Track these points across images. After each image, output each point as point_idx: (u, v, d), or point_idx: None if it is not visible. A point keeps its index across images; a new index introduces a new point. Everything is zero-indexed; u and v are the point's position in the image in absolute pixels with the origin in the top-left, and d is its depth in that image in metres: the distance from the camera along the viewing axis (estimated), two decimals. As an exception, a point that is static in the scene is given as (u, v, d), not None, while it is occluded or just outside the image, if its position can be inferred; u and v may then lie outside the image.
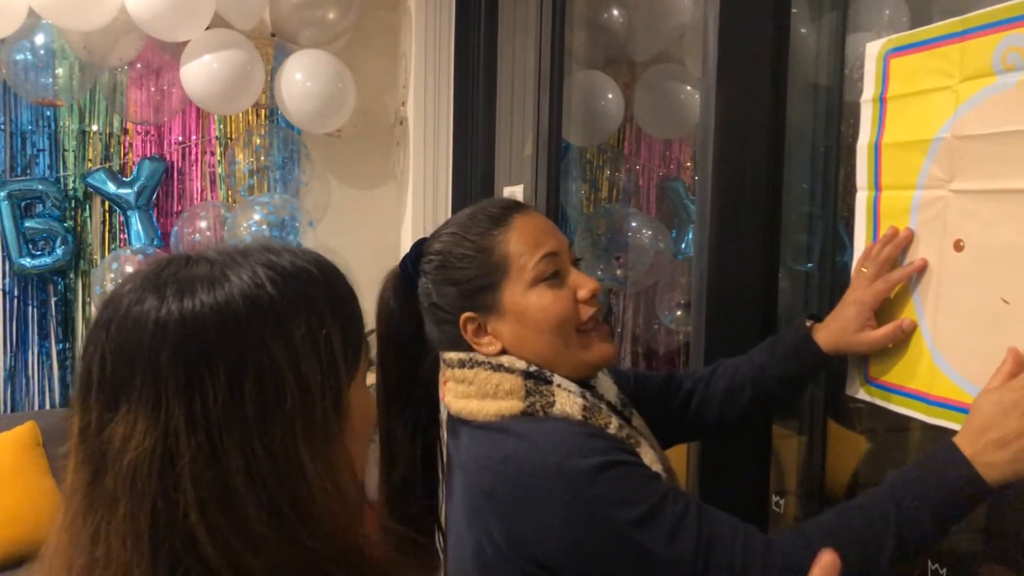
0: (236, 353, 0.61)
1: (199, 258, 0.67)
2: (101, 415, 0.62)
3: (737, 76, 1.24)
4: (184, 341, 0.61)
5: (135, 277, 0.67)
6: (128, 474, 0.60)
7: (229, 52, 2.57)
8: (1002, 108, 0.83)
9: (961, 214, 0.88)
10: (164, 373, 0.61)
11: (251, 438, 0.61)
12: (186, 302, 0.63)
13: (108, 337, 0.64)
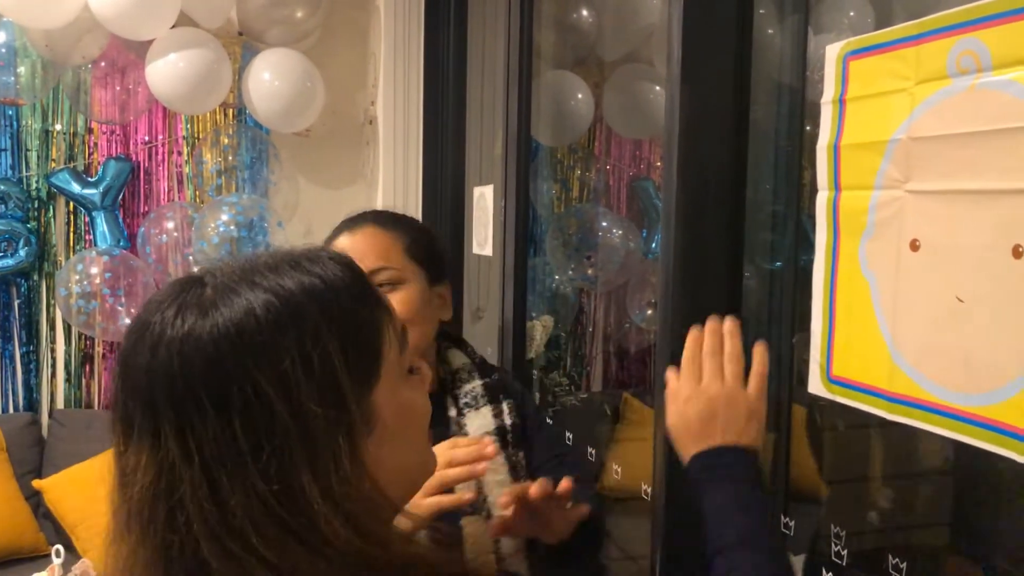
0: (220, 387, 0.61)
1: (208, 277, 0.66)
2: (120, 444, 0.64)
3: (701, 76, 1.25)
4: (172, 378, 0.62)
5: (151, 301, 0.67)
6: (137, 505, 0.62)
7: (195, 51, 2.54)
8: (955, 110, 0.85)
9: (917, 214, 0.90)
10: (159, 408, 0.62)
11: (247, 470, 0.60)
12: (175, 334, 0.63)
13: (122, 367, 0.65)
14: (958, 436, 0.85)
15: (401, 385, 0.70)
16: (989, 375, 0.81)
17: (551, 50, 2.79)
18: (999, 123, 0.80)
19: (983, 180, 0.82)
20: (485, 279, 2.75)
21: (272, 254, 0.69)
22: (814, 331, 1.05)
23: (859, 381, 0.98)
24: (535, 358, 2.77)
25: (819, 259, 1.04)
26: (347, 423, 0.63)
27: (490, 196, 2.38)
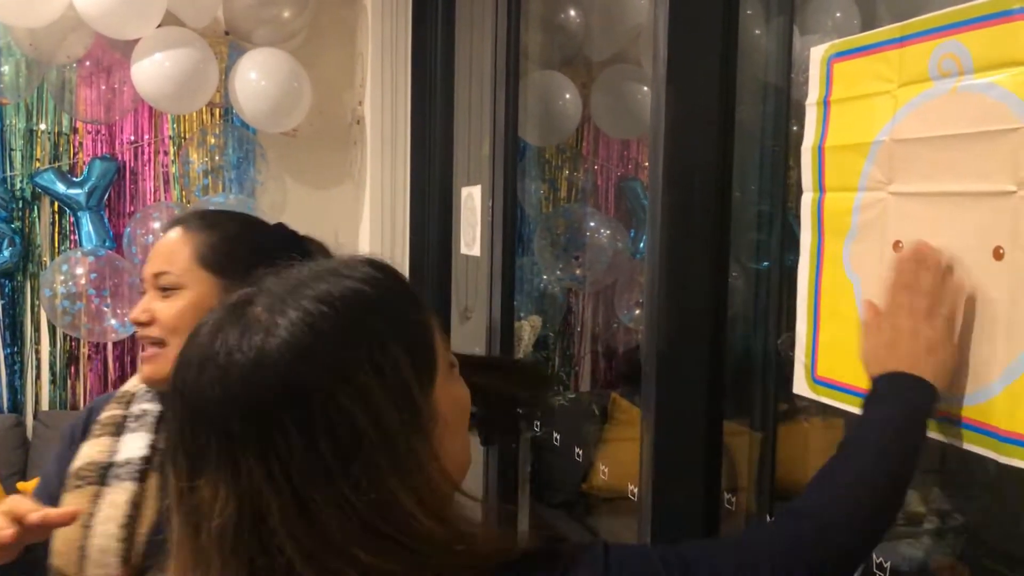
0: (302, 409, 0.60)
1: (257, 296, 0.66)
2: (189, 479, 0.63)
3: (687, 76, 1.25)
4: (248, 404, 0.61)
5: (202, 328, 0.66)
6: (218, 536, 0.61)
7: (181, 50, 2.53)
8: (937, 113, 0.85)
9: (899, 216, 0.90)
10: (237, 438, 0.61)
11: (337, 485, 0.60)
12: (243, 360, 0.62)
13: (182, 405, 0.64)
14: (940, 437, 0.86)
15: (450, 378, 0.71)
16: (971, 376, 0.82)
17: (539, 50, 2.79)
18: (980, 126, 0.81)
19: (964, 182, 0.82)
20: (473, 279, 2.75)
21: (310, 266, 0.69)
22: (799, 332, 1.06)
23: (843, 382, 0.98)
24: (523, 358, 2.77)
25: (804, 260, 1.05)
26: (420, 424, 0.64)
27: (478, 196, 2.38)
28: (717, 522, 1.31)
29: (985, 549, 1.35)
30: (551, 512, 2.88)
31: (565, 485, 2.85)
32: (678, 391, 1.28)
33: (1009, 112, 0.77)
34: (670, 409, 1.27)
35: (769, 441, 1.38)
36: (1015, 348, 0.77)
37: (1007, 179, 0.77)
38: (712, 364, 1.28)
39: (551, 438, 2.53)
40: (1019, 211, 0.76)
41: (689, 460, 1.29)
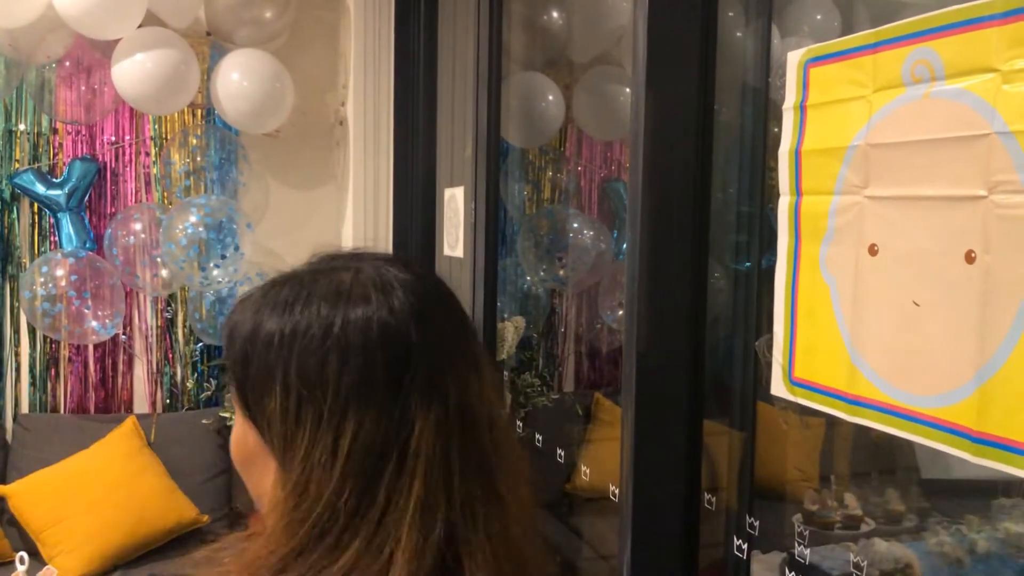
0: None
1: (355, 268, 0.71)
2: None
3: (666, 79, 1.26)
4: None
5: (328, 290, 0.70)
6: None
7: (162, 51, 2.51)
8: (910, 118, 0.87)
9: (875, 219, 0.92)
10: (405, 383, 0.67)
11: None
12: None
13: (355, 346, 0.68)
14: (914, 437, 0.87)
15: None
16: (943, 378, 0.83)
17: (522, 52, 2.79)
18: (951, 131, 0.82)
19: (937, 187, 0.84)
20: (457, 281, 2.75)
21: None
22: (776, 333, 1.07)
23: (820, 383, 0.99)
24: (507, 359, 2.78)
25: (781, 263, 1.06)
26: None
27: (461, 198, 2.38)
28: (697, 522, 1.33)
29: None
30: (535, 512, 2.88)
31: (548, 485, 2.85)
32: (658, 392, 1.29)
33: (979, 118, 0.78)
34: (650, 409, 1.28)
35: (749, 441, 1.40)
36: (987, 350, 0.78)
37: (978, 184, 0.79)
38: (692, 365, 1.29)
39: (534, 438, 2.53)
40: (990, 215, 0.78)
41: (669, 460, 1.30)
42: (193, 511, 2.72)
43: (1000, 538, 1.69)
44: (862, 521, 1.85)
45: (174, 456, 2.82)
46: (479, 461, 0.68)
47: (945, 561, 1.69)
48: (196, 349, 3.07)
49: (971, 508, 1.69)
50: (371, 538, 0.64)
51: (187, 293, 3.00)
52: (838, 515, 1.84)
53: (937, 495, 1.86)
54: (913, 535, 1.83)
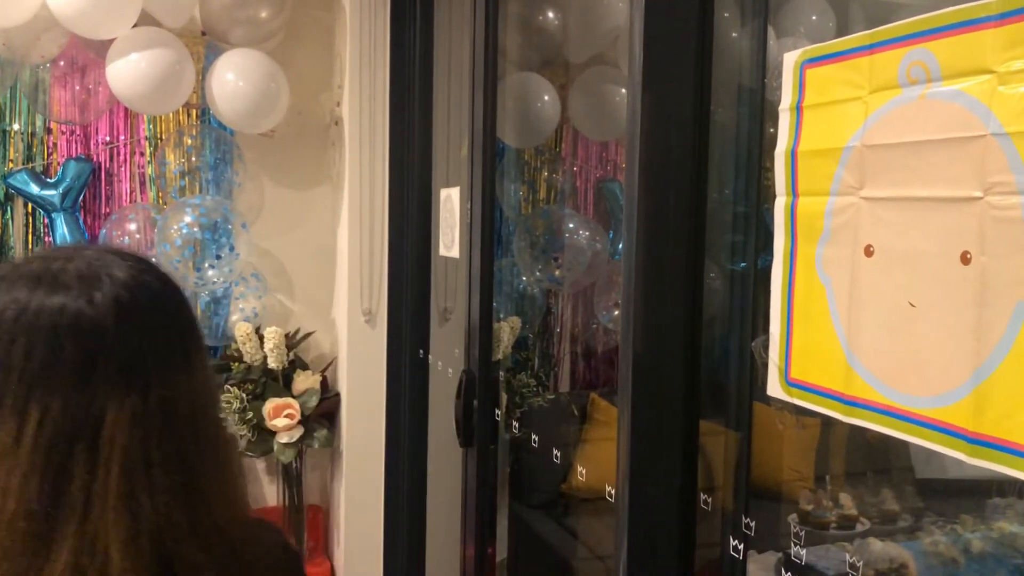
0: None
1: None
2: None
3: (662, 79, 1.26)
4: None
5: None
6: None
7: (157, 51, 2.51)
8: (906, 119, 0.87)
9: (871, 220, 0.92)
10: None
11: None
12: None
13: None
14: (910, 438, 0.87)
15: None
16: (939, 378, 0.83)
17: (517, 52, 2.79)
18: (947, 132, 0.82)
19: (932, 188, 0.84)
20: (453, 281, 2.75)
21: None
22: (773, 334, 1.07)
23: (816, 384, 1.00)
24: (502, 359, 2.78)
25: (777, 263, 1.06)
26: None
27: (457, 198, 2.38)
28: (694, 522, 1.33)
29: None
30: (531, 513, 2.89)
31: (545, 486, 2.86)
32: (654, 392, 1.29)
33: (975, 119, 0.79)
34: (646, 410, 1.28)
35: (745, 441, 1.40)
36: (983, 351, 0.79)
37: (974, 185, 0.79)
38: (688, 365, 1.29)
39: (531, 439, 2.53)
40: (985, 216, 0.78)
41: (666, 460, 1.30)
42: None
43: (994, 538, 1.70)
44: (857, 521, 1.85)
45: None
46: (180, 454, 0.70)
47: (940, 561, 1.69)
48: (191, 349, 3.05)
49: (965, 508, 1.70)
50: (80, 535, 0.65)
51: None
52: (833, 515, 1.84)
53: (932, 495, 1.87)
54: (908, 535, 1.83)
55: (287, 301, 3.16)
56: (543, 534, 2.88)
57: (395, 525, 2.90)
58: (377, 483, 2.89)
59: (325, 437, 2.83)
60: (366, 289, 2.83)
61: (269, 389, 2.82)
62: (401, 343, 2.84)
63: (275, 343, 2.79)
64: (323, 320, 3.15)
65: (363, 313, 2.84)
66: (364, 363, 2.86)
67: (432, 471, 2.80)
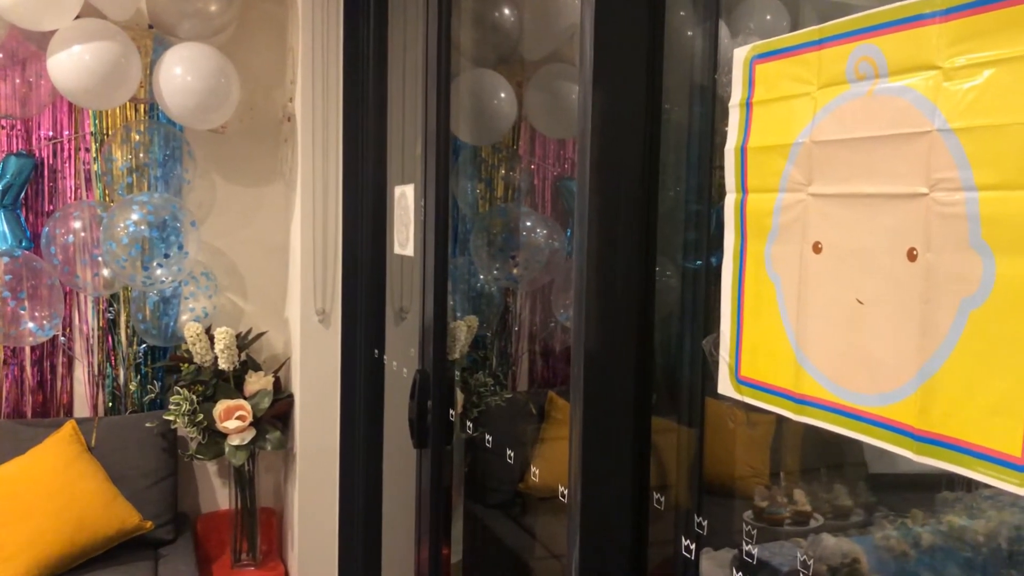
0: None
1: None
2: None
3: (613, 75, 1.25)
4: None
5: None
6: None
7: (101, 43, 2.43)
8: (854, 115, 0.86)
9: (819, 217, 0.91)
10: None
11: None
12: None
13: None
14: (859, 436, 0.87)
15: None
16: (886, 376, 0.83)
17: (473, 48, 2.76)
18: (893, 128, 0.82)
19: (879, 184, 0.83)
20: (408, 279, 2.72)
21: None
22: (723, 332, 1.06)
23: (766, 382, 0.99)
24: (460, 359, 2.75)
25: (727, 261, 1.05)
26: None
27: (411, 195, 2.35)
28: (646, 521, 1.32)
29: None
30: (488, 512, 2.87)
31: (502, 485, 2.84)
32: (607, 390, 1.27)
33: (921, 115, 0.78)
34: (599, 409, 1.27)
35: (697, 439, 1.39)
36: (928, 347, 0.78)
37: (919, 181, 0.78)
38: (641, 363, 1.28)
39: (488, 438, 2.51)
40: (931, 213, 0.77)
41: (618, 459, 1.29)
42: (135, 517, 2.65)
43: (944, 531, 1.72)
44: (811, 516, 1.86)
45: (116, 461, 2.75)
46: None
47: (891, 555, 1.71)
48: (139, 351, 2.98)
49: (916, 502, 1.72)
50: None
51: (130, 293, 2.92)
52: (788, 511, 1.85)
53: (884, 489, 1.89)
54: (860, 529, 1.85)
55: (239, 301, 3.10)
56: (500, 534, 2.86)
57: (350, 527, 2.86)
58: (331, 485, 2.85)
59: (278, 439, 2.78)
60: (320, 288, 2.79)
61: (220, 391, 2.77)
62: (355, 343, 2.80)
63: (226, 343, 2.73)
64: (276, 320, 3.10)
65: (317, 312, 2.80)
66: (318, 363, 2.81)
67: (388, 472, 2.77)
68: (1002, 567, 1.32)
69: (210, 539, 3.04)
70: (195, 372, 2.80)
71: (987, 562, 1.38)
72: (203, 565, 2.91)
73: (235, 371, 2.80)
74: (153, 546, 2.75)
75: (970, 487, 1.76)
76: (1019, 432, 0.71)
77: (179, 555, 2.72)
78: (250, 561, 2.93)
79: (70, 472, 2.60)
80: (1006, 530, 1.42)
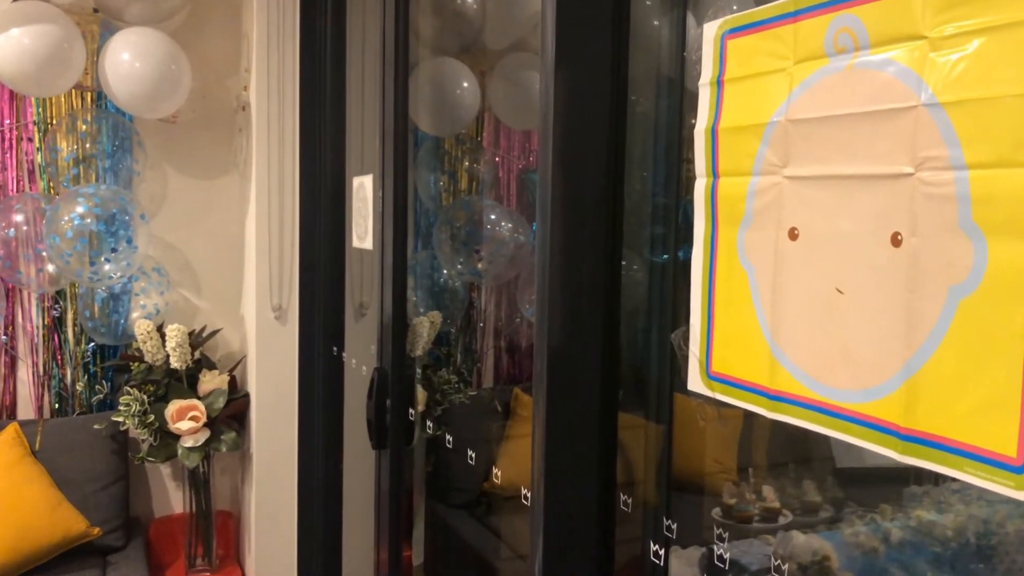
0: None
1: None
2: None
3: (577, 60, 1.18)
4: None
5: None
6: None
7: (41, 26, 2.32)
8: (833, 91, 0.80)
9: (795, 201, 0.85)
10: None
11: None
12: None
13: None
14: (839, 435, 0.81)
15: None
16: (869, 371, 0.77)
17: (434, 36, 2.69)
18: (875, 104, 0.76)
19: (860, 164, 0.78)
20: (368, 274, 2.64)
21: None
22: (693, 325, 1.00)
23: (739, 378, 0.93)
24: (422, 355, 2.68)
25: (697, 250, 0.99)
26: None
27: (370, 186, 2.26)
28: (613, 522, 1.26)
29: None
30: (452, 512, 2.80)
31: (466, 484, 2.77)
32: (572, 387, 1.21)
33: (906, 89, 0.73)
34: (563, 406, 1.21)
35: (665, 436, 1.34)
36: (915, 340, 0.73)
37: (904, 160, 0.73)
38: (607, 360, 1.21)
39: (451, 436, 2.44)
40: (916, 194, 0.72)
41: (583, 459, 1.23)
42: (82, 524, 2.53)
43: (913, 526, 1.69)
44: (780, 513, 1.83)
45: (62, 465, 2.63)
46: None
47: (861, 551, 1.68)
48: (87, 349, 2.86)
49: (884, 496, 1.69)
50: None
51: (77, 289, 2.80)
52: (756, 508, 1.81)
53: (852, 484, 1.85)
54: (829, 526, 1.82)
55: (192, 297, 3.00)
56: (464, 534, 2.80)
57: (309, 530, 2.78)
58: (290, 487, 2.77)
59: (233, 440, 2.68)
60: (276, 284, 2.70)
61: (172, 390, 2.66)
62: (314, 340, 2.71)
63: (178, 341, 2.63)
64: (231, 317, 3.00)
65: (273, 309, 2.70)
66: (275, 361, 2.72)
67: (348, 473, 2.69)
68: (971, 561, 1.29)
69: (164, 544, 2.93)
70: (146, 371, 2.69)
71: (955, 556, 1.35)
72: (156, 571, 2.81)
73: (188, 370, 2.70)
74: (102, 553, 2.64)
75: (937, 481, 1.73)
76: (1014, 430, 0.65)
77: (129, 562, 2.61)
78: (206, 566, 2.83)
79: (12, 477, 2.48)
80: (974, 524, 1.39)
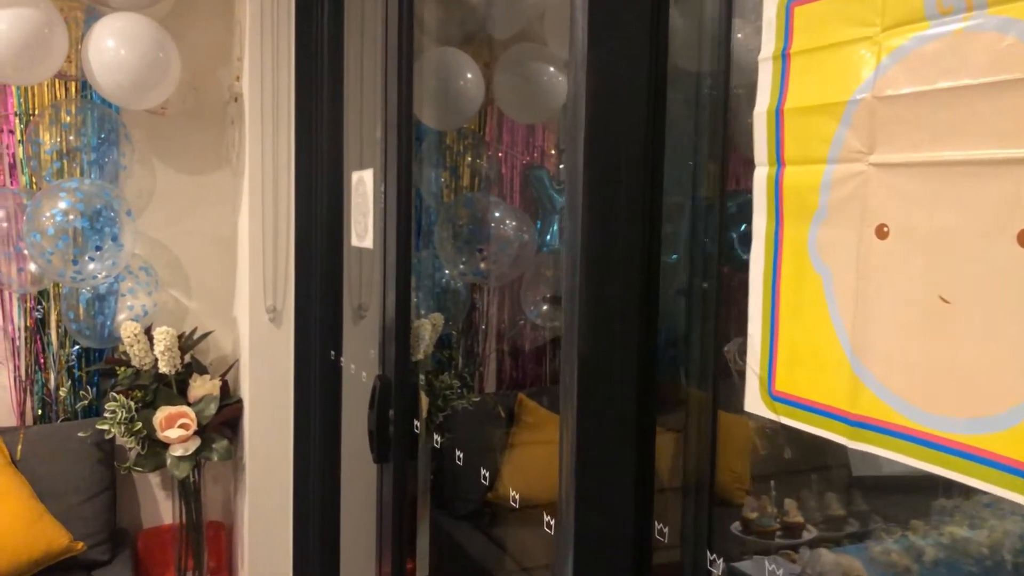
0: None
1: None
2: None
3: (609, 57, 1.06)
4: None
5: None
6: None
7: (19, 10, 2.18)
8: (935, 61, 0.68)
9: (884, 193, 0.73)
10: None
11: None
12: None
13: None
14: (940, 470, 0.69)
15: None
16: (983, 396, 0.65)
17: (437, 26, 2.58)
18: (994, 74, 0.63)
19: (974, 148, 0.65)
20: (368, 274, 2.53)
21: None
22: (752, 336, 0.87)
23: (810, 399, 0.80)
24: (423, 360, 2.56)
25: (757, 249, 0.86)
26: None
27: (370, 181, 2.14)
28: (650, 554, 1.13)
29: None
30: (456, 524, 2.70)
31: (470, 495, 2.67)
32: (602, 402, 1.09)
33: (1040, 54, 0.60)
34: (593, 423, 1.08)
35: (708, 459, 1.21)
36: (1044, 359, 0.60)
37: (1034, 142, 0.60)
38: (643, 371, 1.09)
39: (454, 445, 2.33)
40: (1052, 183, 0.59)
41: (618, 481, 1.10)
42: (65, 538, 2.40)
43: (946, 543, 1.58)
44: (804, 528, 1.73)
45: (45, 475, 2.50)
46: None
47: (893, 570, 1.58)
48: (72, 353, 2.73)
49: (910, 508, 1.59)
50: None
51: (60, 290, 2.66)
52: (778, 522, 1.72)
53: (871, 494, 1.76)
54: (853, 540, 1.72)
55: (182, 298, 2.87)
56: (469, 546, 2.71)
57: (305, 542, 2.66)
58: (285, 497, 2.66)
59: (225, 449, 2.55)
60: (270, 284, 2.58)
61: (161, 396, 2.53)
62: (310, 344, 2.60)
63: (167, 344, 2.50)
64: (223, 319, 2.88)
65: (267, 311, 2.59)
66: (269, 366, 2.61)
67: (346, 483, 2.57)
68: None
69: (152, 557, 2.81)
70: (133, 376, 2.56)
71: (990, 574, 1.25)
72: (144, 586, 2.68)
73: (178, 375, 2.57)
74: (87, 568, 2.51)
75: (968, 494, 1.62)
76: None
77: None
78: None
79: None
80: (1010, 541, 1.29)
